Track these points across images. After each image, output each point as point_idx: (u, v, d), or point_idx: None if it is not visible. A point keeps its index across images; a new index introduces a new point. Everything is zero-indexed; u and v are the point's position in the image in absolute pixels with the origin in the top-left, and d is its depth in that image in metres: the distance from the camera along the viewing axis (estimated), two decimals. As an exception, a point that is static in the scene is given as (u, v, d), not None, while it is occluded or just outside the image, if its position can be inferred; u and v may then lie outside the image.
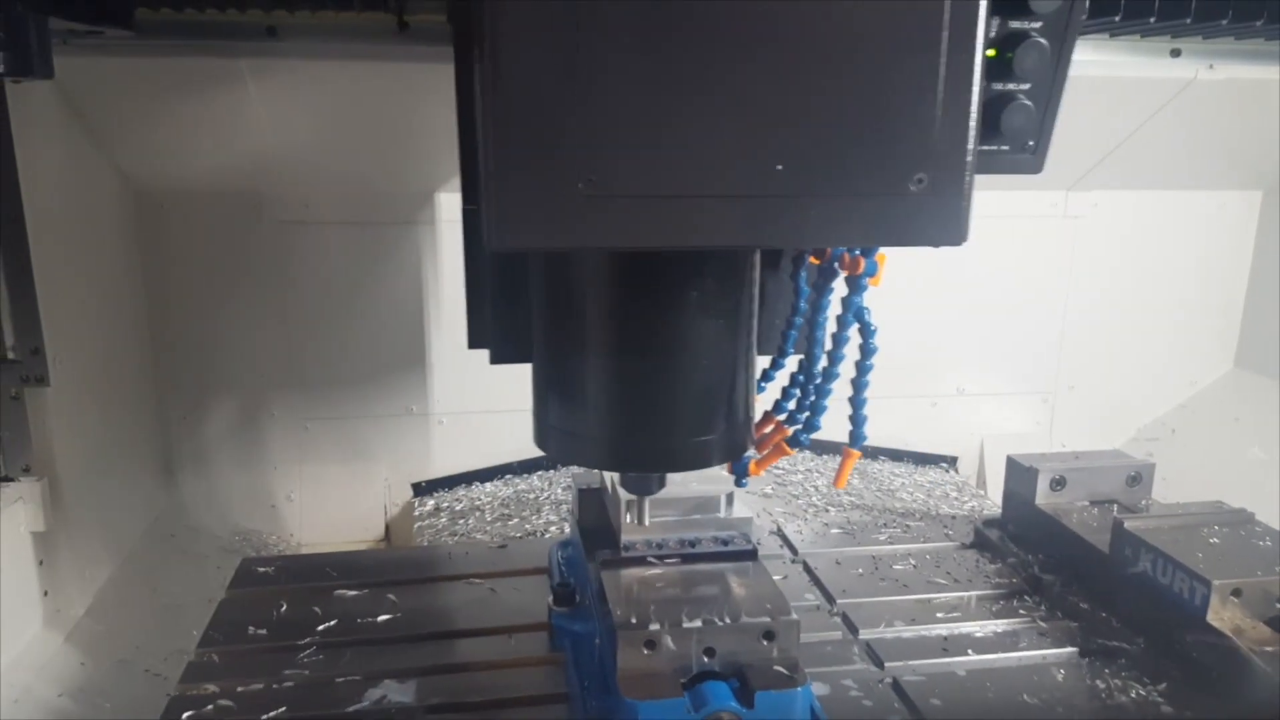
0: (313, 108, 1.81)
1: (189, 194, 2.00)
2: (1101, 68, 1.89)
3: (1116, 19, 1.52)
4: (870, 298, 1.14)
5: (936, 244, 0.84)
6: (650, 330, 1.03)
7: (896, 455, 2.39)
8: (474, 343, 1.22)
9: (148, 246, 2.02)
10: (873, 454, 2.39)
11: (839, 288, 1.14)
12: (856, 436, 1.20)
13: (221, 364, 2.12)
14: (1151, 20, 1.52)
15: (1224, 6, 1.51)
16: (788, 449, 1.24)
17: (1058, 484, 1.64)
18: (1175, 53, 1.92)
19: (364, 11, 1.61)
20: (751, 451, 1.21)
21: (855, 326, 1.14)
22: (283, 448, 2.19)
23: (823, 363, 1.17)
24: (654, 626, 1.06)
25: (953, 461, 2.40)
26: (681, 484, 1.24)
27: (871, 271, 1.09)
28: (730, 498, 1.27)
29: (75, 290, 1.69)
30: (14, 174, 1.47)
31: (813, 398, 1.20)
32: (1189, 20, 1.52)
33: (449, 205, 2.10)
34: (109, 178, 1.90)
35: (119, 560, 1.82)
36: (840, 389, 1.19)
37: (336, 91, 1.77)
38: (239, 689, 1.25)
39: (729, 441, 1.10)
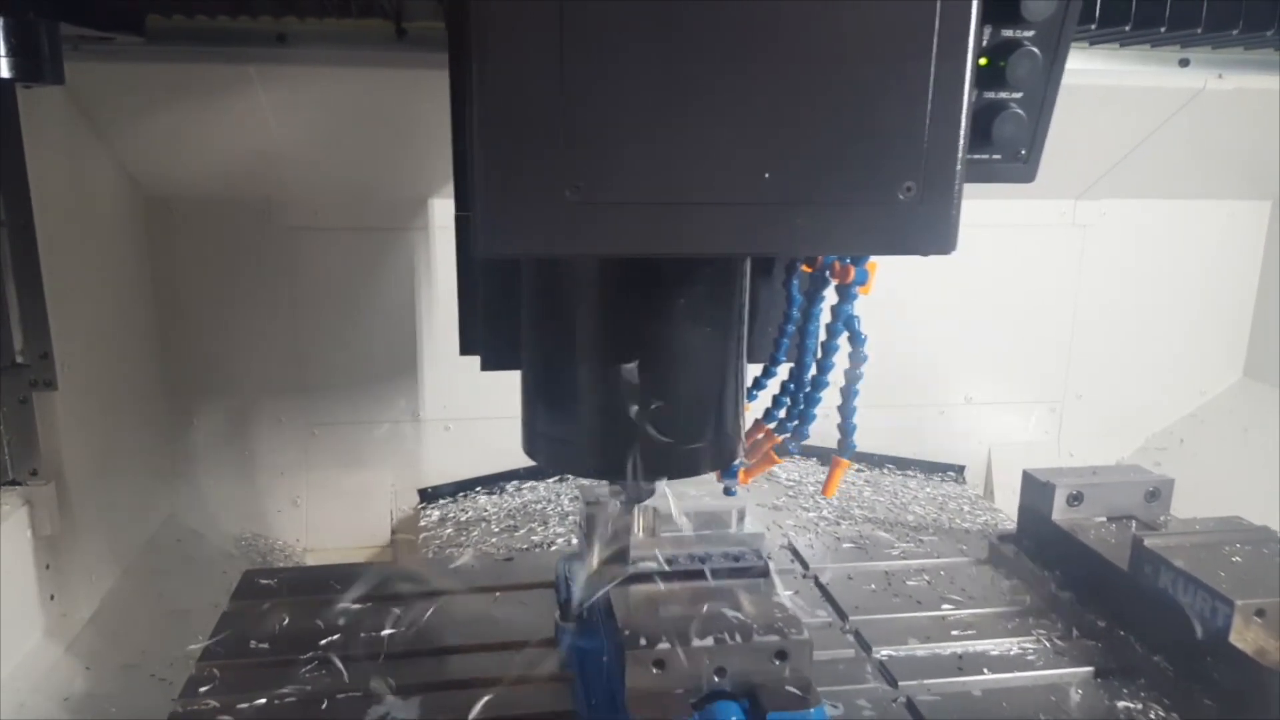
0: (320, 113, 1.80)
1: (198, 199, 2.00)
2: (1110, 77, 1.89)
3: (1127, 28, 1.51)
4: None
5: (925, 253, 0.83)
6: (637, 337, 1.01)
7: (903, 464, 2.38)
8: (465, 349, 1.21)
9: (157, 251, 2.02)
10: (879, 462, 2.38)
11: (831, 296, 1.13)
12: (846, 446, 1.19)
13: (229, 369, 2.11)
14: (1162, 30, 1.51)
15: (1235, 16, 1.50)
16: (776, 457, 1.23)
17: (1074, 499, 1.61)
18: (1184, 62, 1.92)
19: (362, 18, 1.61)
20: (741, 459, 1.20)
21: (845, 335, 1.13)
22: (289, 453, 2.19)
23: (812, 371, 1.16)
24: (664, 645, 1.05)
25: (960, 470, 2.39)
26: (694, 499, 1.23)
27: (861, 280, 1.08)
28: (742, 513, 1.25)
29: (84, 295, 1.69)
30: (24, 179, 1.47)
31: (802, 406, 1.19)
32: (1199, 30, 1.51)
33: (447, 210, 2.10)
34: (119, 183, 1.90)
35: (125, 564, 1.81)
36: (832, 398, 1.18)
37: (341, 97, 1.76)
38: (240, 704, 1.23)
39: (718, 450, 1.08)
